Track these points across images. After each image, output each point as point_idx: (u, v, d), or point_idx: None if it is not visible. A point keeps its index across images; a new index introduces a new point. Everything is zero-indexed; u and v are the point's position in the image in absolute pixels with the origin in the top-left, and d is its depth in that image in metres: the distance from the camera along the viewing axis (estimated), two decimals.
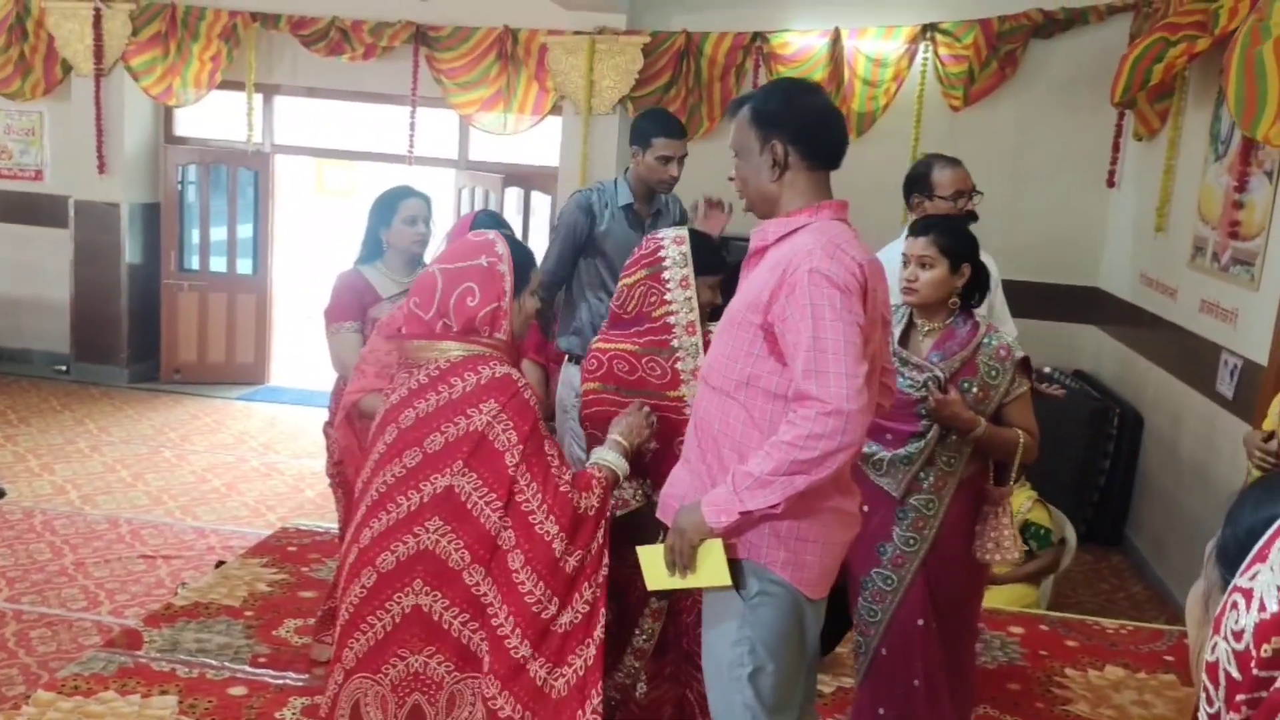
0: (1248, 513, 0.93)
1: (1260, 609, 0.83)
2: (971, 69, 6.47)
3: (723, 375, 2.20)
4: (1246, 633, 0.84)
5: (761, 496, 2.04)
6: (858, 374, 2.01)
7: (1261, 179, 4.49)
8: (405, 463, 2.28)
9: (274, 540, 4.80)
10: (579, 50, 6.74)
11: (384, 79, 7.25)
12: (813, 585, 2.20)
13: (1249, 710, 0.83)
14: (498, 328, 2.34)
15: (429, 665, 2.27)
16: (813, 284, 2.04)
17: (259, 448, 6.51)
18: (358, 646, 2.30)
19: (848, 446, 2.02)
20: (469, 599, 2.26)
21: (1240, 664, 0.84)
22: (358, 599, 2.30)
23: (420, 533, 2.25)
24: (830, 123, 2.26)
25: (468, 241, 2.42)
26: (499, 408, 2.25)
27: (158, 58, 7.28)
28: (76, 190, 7.56)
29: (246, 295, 7.90)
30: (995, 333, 2.83)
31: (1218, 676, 0.86)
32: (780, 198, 2.23)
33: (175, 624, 3.87)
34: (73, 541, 4.82)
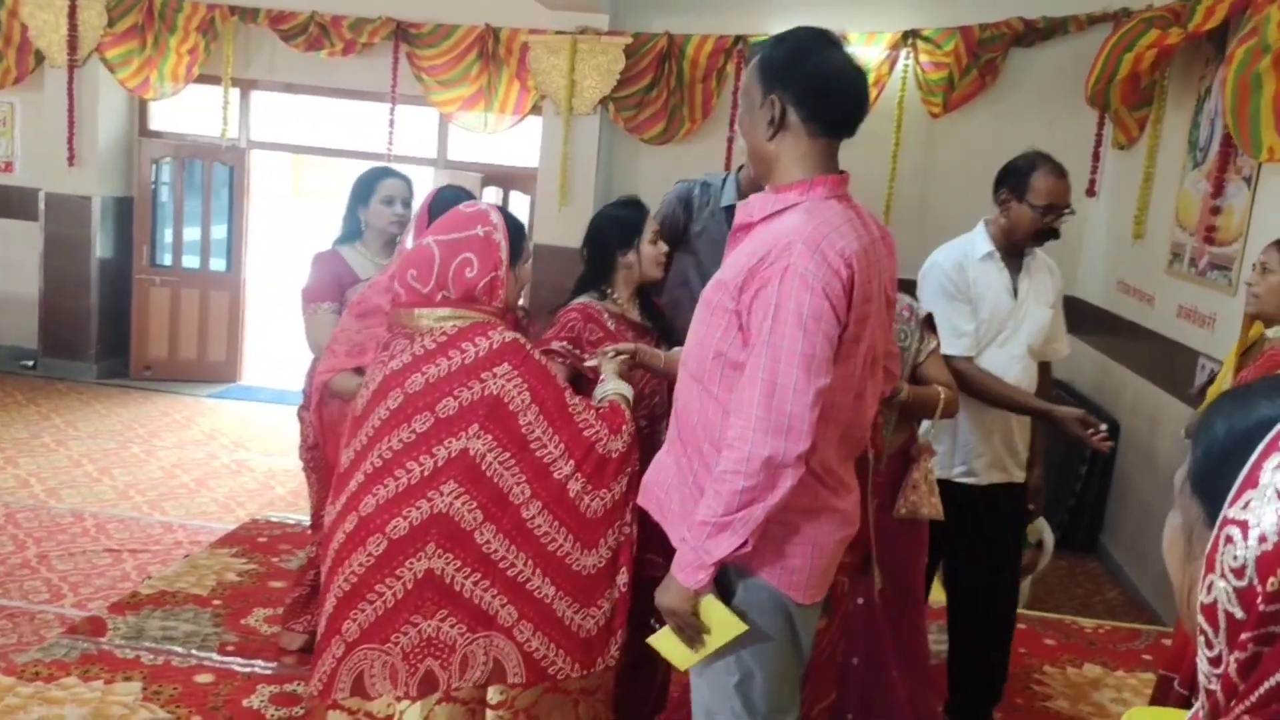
0: (1220, 430, 0.87)
1: (1260, 540, 0.78)
2: (952, 76, 6.49)
3: (698, 362, 2.06)
4: (1248, 567, 0.78)
5: (725, 541, 1.91)
6: (805, 390, 1.86)
7: (1240, 185, 4.51)
8: (415, 428, 2.27)
9: (243, 531, 4.72)
10: (561, 50, 6.71)
11: (363, 76, 7.19)
12: (802, 589, 2.04)
13: (1257, 647, 0.78)
14: (495, 296, 2.36)
15: (441, 629, 2.25)
16: (784, 283, 1.86)
17: (229, 444, 6.42)
18: (363, 617, 2.27)
19: (793, 460, 1.88)
20: (479, 557, 2.26)
21: (1244, 601, 0.79)
22: (363, 568, 2.27)
23: (435, 497, 2.24)
24: (843, 85, 2.00)
25: (460, 213, 2.42)
26: (512, 370, 2.28)
27: (134, 50, 7.20)
28: (47, 183, 7.45)
29: (219, 292, 7.80)
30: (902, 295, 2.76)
31: (1217, 618, 0.81)
32: (776, 161, 2.03)
33: (140, 612, 3.79)
34: (36, 535, 4.71)
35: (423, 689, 2.26)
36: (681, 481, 2.10)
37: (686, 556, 1.96)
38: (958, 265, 3.21)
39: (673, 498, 2.14)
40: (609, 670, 2.40)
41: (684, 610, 1.99)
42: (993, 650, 3.34)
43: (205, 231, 7.76)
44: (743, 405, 1.90)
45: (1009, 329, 3.22)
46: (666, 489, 2.16)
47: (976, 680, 3.36)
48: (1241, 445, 0.83)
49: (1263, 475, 0.80)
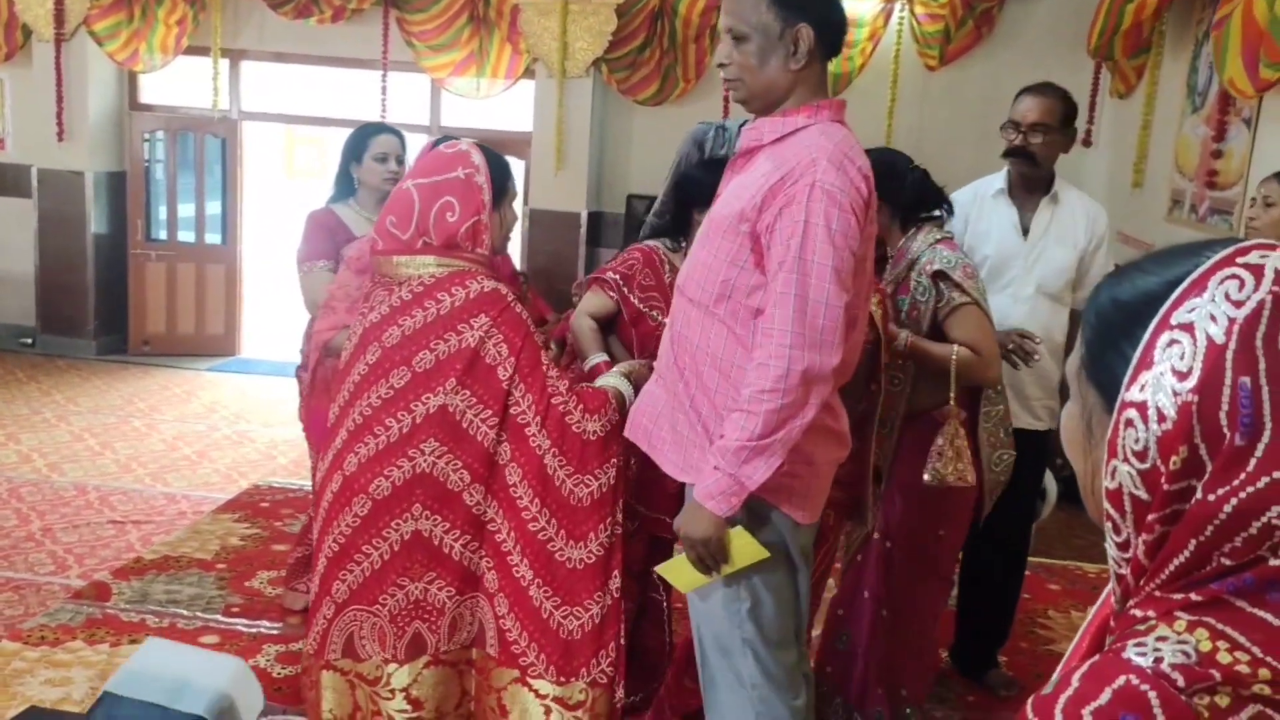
0: (1107, 309, 0.85)
1: (1159, 419, 0.77)
2: (948, 28, 6.44)
3: (701, 286, 2.04)
4: (1150, 449, 0.77)
5: (763, 464, 1.90)
6: (838, 304, 1.89)
7: (1240, 127, 4.48)
8: (393, 383, 2.20)
9: (246, 497, 4.72)
10: (551, 12, 6.65)
11: (353, 43, 7.13)
12: (801, 509, 2.06)
13: (1164, 527, 0.78)
14: (479, 242, 2.27)
15: (429, 591, 2.20)
16: (812, 199, 1.88)
17: (230, 417, 6.41)
18: (351, 578, 2.22)
19: (828, 372, 1.90)
20: (469, 519, 2.20)
21: (1148, 483, 0.78)
22: (349, 529, 2.21)
23: (416, 455, 2.17)
24: (842, 10, 2.06)
25: (440, 154, 2.33)
26: (490, 322, 2.19)
27: (122, 22, 7.13)
28: (39, 159, 7.40)
29: (216, 265, 7.77)
30: (935, 249, 2.74)
31: (1122, 502, 0.80)
32: (792, 90, 2.02)
33: (145, 576, 3.80)
34: (40, 508, 4.71)
35: (410, 651, 2.21)
36: (675, 408, 2.09)
37: (720, 484, 1.94)
38: (962, 205, 3.18)
39: (662, 426, 2.13)
40: (600, 689, 2.23)
41: (715, 538, 1.98)
42: (1003, 596, 3.34)
43: (199, 204, 7.72)
44: (774, 324, 1.90)
45: (1016, 269, 3.16)
46: (655, 418, 2.14)
47: (984, 624, 3.36)
48: (1130, 322, 0.82)
49: (1155, 354, 0.78)
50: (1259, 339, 0.75)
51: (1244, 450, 0.74)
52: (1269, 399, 0.74)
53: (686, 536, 2.01)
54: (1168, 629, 0.77)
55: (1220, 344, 0.76)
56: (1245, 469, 0.74)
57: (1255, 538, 0.75)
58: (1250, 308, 0.76)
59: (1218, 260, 0.79)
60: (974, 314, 2.70)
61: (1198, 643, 0.75)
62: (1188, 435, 0.76)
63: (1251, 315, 0.76)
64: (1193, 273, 0.79)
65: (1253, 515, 0.74)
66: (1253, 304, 0.76)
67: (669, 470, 2.14)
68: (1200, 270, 0.79)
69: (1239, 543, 0.75)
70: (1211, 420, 0.75)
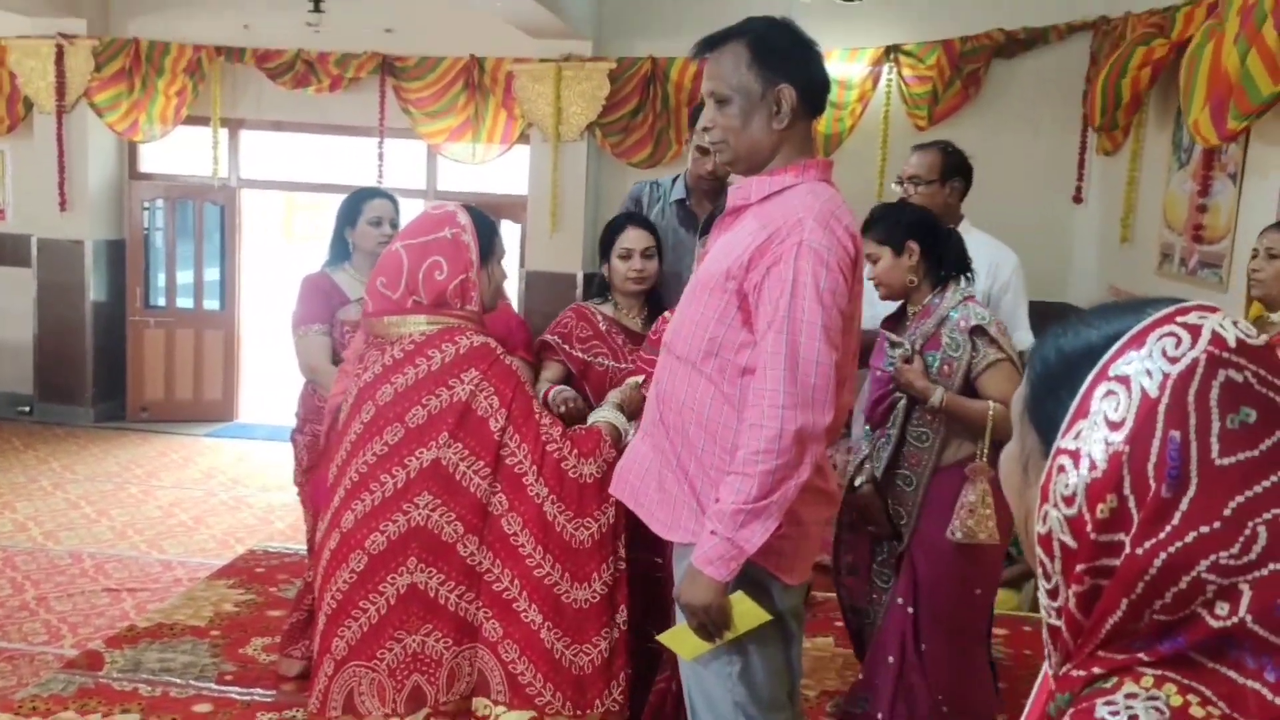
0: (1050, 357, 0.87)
1: (1090, 466, 0.78)
2: (935, 89, 6.53)
3: (688, 343, 2.04)
4: (1078, 496, 0.78)
5: (760, 527, 1.89)
6: (828, 362, 1.89)
7: (1225, 181, 4.53)
8: (387, 440, 2.23)
9: (241, 562, 4.70)
10: (546, 78, 6.75)
11: (351, 111, 7.24)
12: (789, 570, 2.05)
13: (1093, 580, 0.78)
14: (468, 299, 2.32)
15: (426, 644, 2.22)
16: (800, 258, 1.89)
17: (227, 482, 6.39)
18: (349, 634, 2.23)
19: (821, 432, 1.90)
20: (464, 570, 2.22)
21: (1074, 530, 0.79)
22: (347, 585, 2.24)
23: (410, 509, 2.20)
24: (821, 62, 2.07)
25: (428, 216, 2.39)
26: (480, 376, 2.23)
27: (122, 93, 7.24)
28: (39, 228, 7.46)
29: (214, 331, 7.81)
30: (966, 305, 2.78)
31: (1052, 547, 0.81)
32: (777, 149, 2.03)
33: (138, 645, 3.77)
34: (34, 577, 4.68)
35: (410, 705, 2.22)
36: (662, 465, 2.09)
37: (718, 549, 1.91)
38: None
39: (649, 484, 2.13)
40: (612, 716, 2.31)
41: (716, 604, 1.95)
42: None
43: (198, 270, 7.77)
44: (766, 384, 1.90)
45: None
46: (641, 476, 2.14)
47: None
48: (1071, 372, 0.83)
49: (1092, 404, 0.80)
50: (1191, 395, 0.77)
51: (1170, 503, 0.76)
52: (1196, 454, 0.76)
53: (687, 604, 1.98)
54: (1135, 685, 0.77)
55: (1154, 397, 0.78)
56: (1171, 522, 0.76)
57: (1185, 593, 0.75)
58: (1185, 364, 0.78)
59: (1158, 318, 0.81)
60: (1009, 370, 2.73)
61: (1168, 698, 0.75)
62: (1116, 485, 0.77)
63: (1185, 372, 0.78)
64: (1133, 328, 0.82)
65: (1181, 570, 0.75)
66: (1187, 361, 0.78)
67: (657, 530, 2.13)
68: (1140, 326, 0.81)
69: (1169, 599, 0.76)
70: (1140, 472, 0.77)
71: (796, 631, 2.17)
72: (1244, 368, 0.78)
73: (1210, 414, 0.77)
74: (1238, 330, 0.80)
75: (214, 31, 7.22)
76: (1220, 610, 0.75)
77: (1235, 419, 0.77)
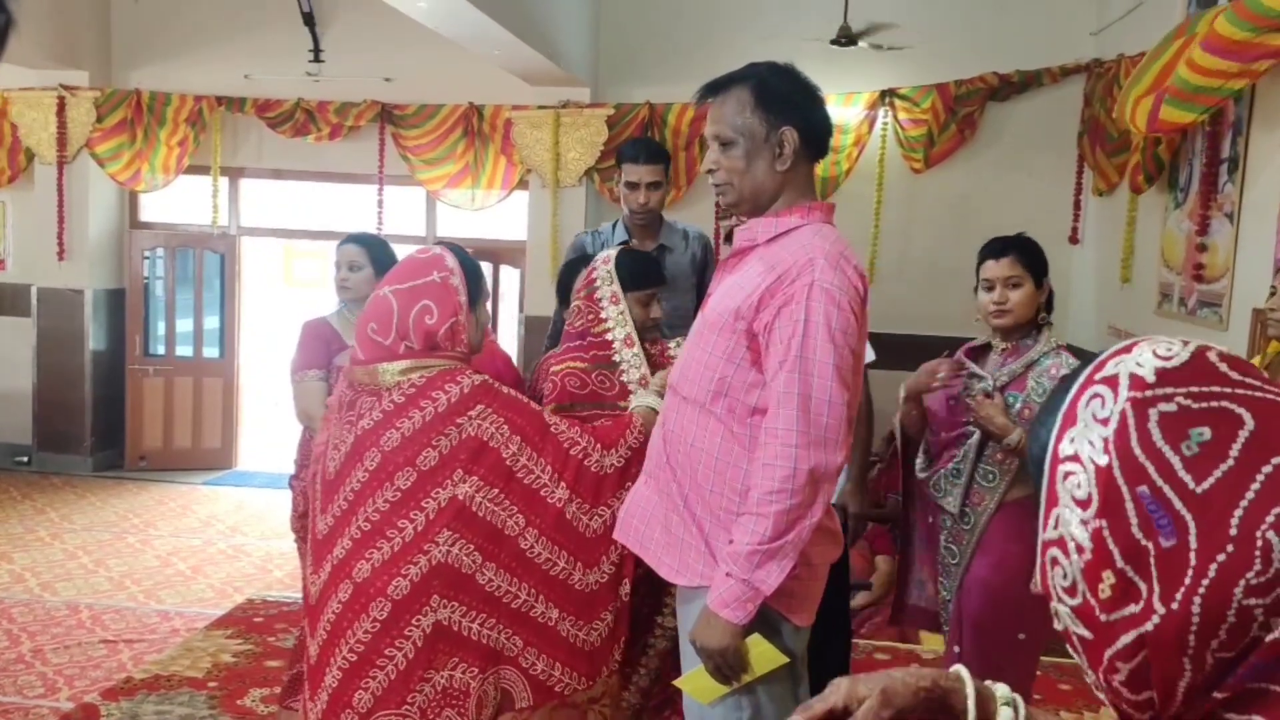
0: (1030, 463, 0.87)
1: (1078, 550, 0.77)
2: (931, 132, 6.58)
3: (696, 384, 2.04)
4: (1078, 583, 0.78)
5: (775, 567, 1.89)
6: (841, 402, 1.90)
7: (1222, 220, 4.55)
8: (399, 485, 2.22)
9: (239, 612, 4.65)
10: (544, 124, 6.80)
11: (350, 158, 7.28)
12: (799, 611, 2.05)
13: (1127, 661, 0.76)
14: (459, 341, 2.33)
15: (454, 677, 2.22)
16: (812, 298, 1.91)
17: (226, 530, 6.35)
18: (374, 685, 2.19)
19: (834, 472, 1.91)
20: (483, 598, 2.23)
21: (1085, 620, 0.78)
22: (369, 635, 2.20)
23: (431, 549, 2.20)
24: (822, 105, 2.10)
25: (414, 260, 2.39)
26: (486, 409, 2.25)
27: (124, 144, 7.28)
28: (39, 278, 7.48)
29: (213, 379, 7.79)
30: (1060, 354, 2.76)
31: (1074, 643, 0.80)
32: (780, 190, 2.05)
33: (134, 697, 3.72)
34: (30, 629, 4.64)
35: None
36: (668, 509, 2.08)
37: (734, 591, 1.91)
38: None
39: (654, 528, 2.12)
40: (612, 674, 2.41)
41: (733, 647, 1.95)
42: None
43: (198, 319, 7.78)
44: (779, 424, 1.91)
45: None
46: (646, 520, 2.13)
47: None
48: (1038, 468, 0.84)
49: (1057, 489, 0.80)
50: (1136, 447, 0.76)
51: (1178, 550, 0.74)
52: (1175, 495, 0.75)
53: (703, 648, 1.97)
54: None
55: (1104, 464, 0.77)
56: (1189, 566, 0.74)
57: (1237, 625, 0.73)
58: (1115, 421, 0.77)
59: (1080, 384, 0.81)
60: None
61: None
62: (1108, 560, 0.76)
63: (1119, 428, 0.77)
64: (1063, 405, 0.82)
65: (1223, 605, 0.73)
66: (1116, 416, 0.78)
67: (664, 574, 2.12)
68: (1069, 400, 0.81)
69: (1224, 636, 0.74)
70: (1126, 539, 0.75)
71: (803, 672, 2.15)
72: (1172, 396, 0.77)
73: (1163, 455, 0.75)
74: (1155, 359, 0.78)
75: (215, 82, 7.28)
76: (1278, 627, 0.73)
77: (1190, 445, 0.75)
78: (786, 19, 6.59)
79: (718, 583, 1.94)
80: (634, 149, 3.88)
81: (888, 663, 4.31)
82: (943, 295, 6.39)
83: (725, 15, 6.74)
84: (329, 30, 7.16)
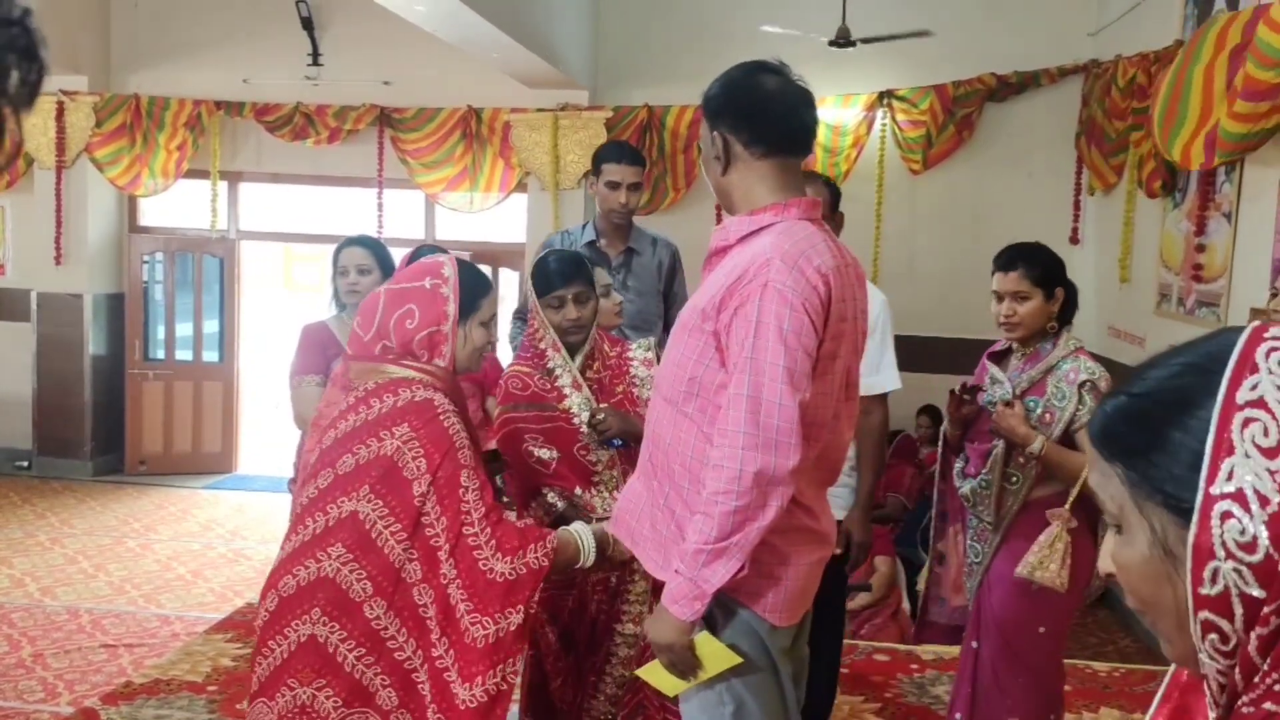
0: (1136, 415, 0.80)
1: (1261, 503, 0.72)
2: (929, 133, 6.58)
3: (672, 385, 2.04)
4: (1261, 537, 0.72)
5: (721, 567, 1.88)
6: (791, 404, 1.86)
7: (1220, 221, 4.55)
8: (319, 483, 2.21)
9: (239, 616, 4.65)
10: (542, 127, 6.81)
11: (349, 162, 7.29)
12: (778, 610, 2.02)
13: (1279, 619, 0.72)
14: (436, 353, 2.26)
15: (317, 698, 2.15)
16: (764, 299, 1.88)
17: (226, 534, 6.36)
18: (260, 671, 2.21)
19: (785, 475, 1.87)
20: (368, 633, 2.15)
21: (1262, 577, 0.72)
22: (262, 623, 2.22)
23: (323, 558, 2.15)
24: (777, 104, 2.03)
25: (420, 264, 2.38)
26: (411, 433, 2.17)
27: (123, 148, 7.29)
28: (39, 283, 7.48)
29: (213, 383, 7.80)
30: (1078, 358, 2.78)
31: (1230, 607, 0.74)
32: (735, 192, 2.05)
33: (134, 701, 3.72)
34: (31, 633, 4.64)
35: None
36: (652, 505, 2.09)
37: (681, 588, 1.92)
38: None
39: (643, 522, 2.13)
40: None
41: (680, 644, 1.96)
42: None
43: (197, 323, 7.78)
44: (728, 424, 1.90)
45: None
46: (636, 515, 2.14)
47: None
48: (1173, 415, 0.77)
49: (1233, 438, 0.74)
50: None
51: None
52: None
53: (654, 642, 2.00)
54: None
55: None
56: None
57: None
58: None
59: (1249, 339, 0.77)
60: None
61: None
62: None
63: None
64: (1231, 354, 0.77)
65: None
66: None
67: (649, 569, 2.14)
68: (1239, 350, 0.77)
69: None
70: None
71: (792, 672, 2.14)
72: None
73: None
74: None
75: (213, 86, 7.28)
76: None
77: None
78: (784, 20, 6.59)
79: (669, 579, 1.96)
80: (617, 150, 3.96)
81: (887, 664, 4.30)
82: (944, 297, 6.41)
83: (723, 17, 6.74)
84: (327, 34, 7.16)
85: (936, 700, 3.93)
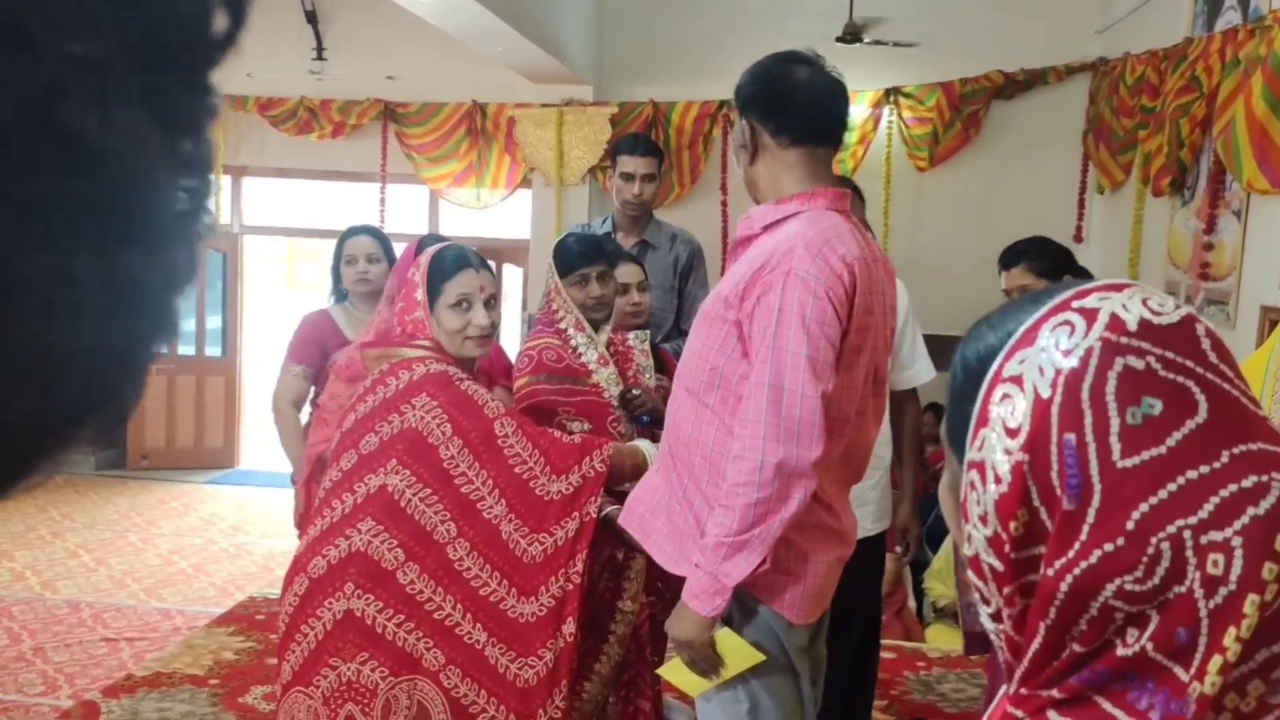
0: (957, 370, 0.79)
1: (995, 480, 0.70)
2: (936, 131, 6.55)
3: (694, 375, 2.02)
4: (990, 513, 0.71)
5: (743, 561, 1.85)
6: (813, 394, 1.83)
7: (1230, 218, 4.52)
8: (342, 465, 2.25)
9: (240, 609, 4.64)
10: (547, 122, 6.78)
11: (353, 157, 7.26)
12: (796, 608, 1.98)
13: (1023, 600, 0.71)
14: (420, 333, 2.36)
15: (362, 673, 2.17)
16: (787, 287, 1.85)
17: (228, 529, 6.34)
18: (293, 659, 2.23)
19: (807, 467, 1.84)
20: (403, 598, 2.18)
21: (995, 550, 0.71)
22: (291, 608, 2.24)
23: (352, 534, 2.19)
24: (806, 93, 2.02)
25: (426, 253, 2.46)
26: (431, 401, 2.23)
27: None
28: None
29: (215, 378, 7.79)
30: None
31: (982, 570, 0.73)
32: (762, 182, 2.04)
33: (135, 694, 3.71)
34: (31, 627, 4.62)
35: None
36: (671, 499, 2.06)
37: (701, 583, 1.89)
38: None
39: (659, 516, 2.09)
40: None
41: (700, 640, 1.92)
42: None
43: (200, 317, 7.76)
44: (749, 414, 1.87)
45: None
46: (652, 508, 2.11)
47: None
48: (971, 383, 0.76)
49: (990, 410, 0.72)
50: (1085, 390, 0.69)
51: (1075, 516, 0.68)
52: (1096, 458, 0.68)
53: (675, 639, 1.97)
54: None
55: (1046, 397, 0.70)
56: (1079, 538, 0.68)
57: (1098, 620, 0.68)
58: (1078, 356, 0.70)
59: (1053, 305, 0.73)
60: None
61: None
62: (1024, 498, 0.70)
63: (1079, 365, 0.69)
64: (1027, 321, 0.74)
65: (1089, 594, 0.67)
66: (1080, 351, 0.70)
67: (660, 561, 2.10)
68: (1034, 318, 0.73)
69: (1084, 626, 0.69)
70: (1045, 481, 0.69)
71: (809, 671, 2.11)
72: (1146, 352, 0.68)
73: (1107, 410, 0.68)
74: (1144, 309, 0.70)
75: (217, 79, 7.23)
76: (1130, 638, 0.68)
77: (1137, 412, 0.67)
78: (791, 16, 6.57)
79: (689, 574, 1.93)
80: (631, 141, 3.97)
81: (893, 661, 4.28)
82: (949, 294, 6.37)
83: (729, 13, 6.71)
84: (331, 28, 7.14)
85: (943, 698, 3.92)
